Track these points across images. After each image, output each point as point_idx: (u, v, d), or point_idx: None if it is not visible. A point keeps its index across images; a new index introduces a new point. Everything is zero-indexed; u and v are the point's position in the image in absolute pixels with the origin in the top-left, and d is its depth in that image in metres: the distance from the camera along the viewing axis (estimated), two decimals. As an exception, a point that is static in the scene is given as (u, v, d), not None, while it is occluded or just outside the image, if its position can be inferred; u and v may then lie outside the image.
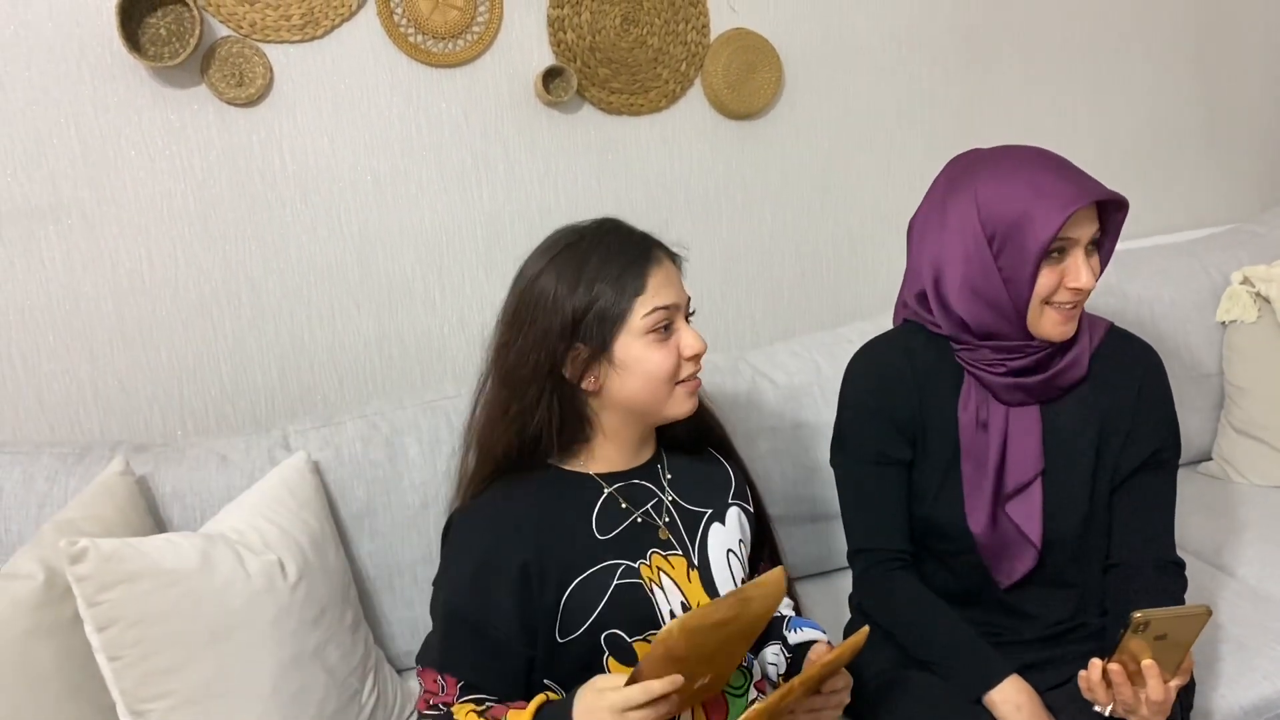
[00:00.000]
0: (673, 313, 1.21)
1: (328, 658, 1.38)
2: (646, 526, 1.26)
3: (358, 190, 1.83)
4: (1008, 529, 1.37)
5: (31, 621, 1.22)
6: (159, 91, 1.69)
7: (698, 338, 1.23)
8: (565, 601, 1.19)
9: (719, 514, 1.33)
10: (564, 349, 1.19)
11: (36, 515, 1.45)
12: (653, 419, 1.26)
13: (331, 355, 1.88)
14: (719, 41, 1.99)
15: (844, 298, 2.21)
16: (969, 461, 1.38)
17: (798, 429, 1.80)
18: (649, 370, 1.20)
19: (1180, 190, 2.49)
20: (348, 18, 1.77)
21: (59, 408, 1.73)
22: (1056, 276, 1.29)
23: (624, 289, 1.19)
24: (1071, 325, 1.33)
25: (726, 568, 1.29)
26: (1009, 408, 1.37)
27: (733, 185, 2.08)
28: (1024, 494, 1.37)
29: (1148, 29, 2.35)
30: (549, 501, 1.24)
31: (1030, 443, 1.36)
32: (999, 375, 1.35)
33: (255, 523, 1.39)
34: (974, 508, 1.37)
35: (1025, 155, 1.32)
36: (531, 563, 1.18)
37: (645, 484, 1.29)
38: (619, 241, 1.22)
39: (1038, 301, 1.30)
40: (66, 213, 1.68)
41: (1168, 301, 2.12)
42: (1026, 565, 1.38)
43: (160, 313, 1.76)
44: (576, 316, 1.18)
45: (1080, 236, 1.28)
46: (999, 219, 1.28)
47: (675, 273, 1.25)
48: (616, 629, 1.20)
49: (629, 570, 1.22)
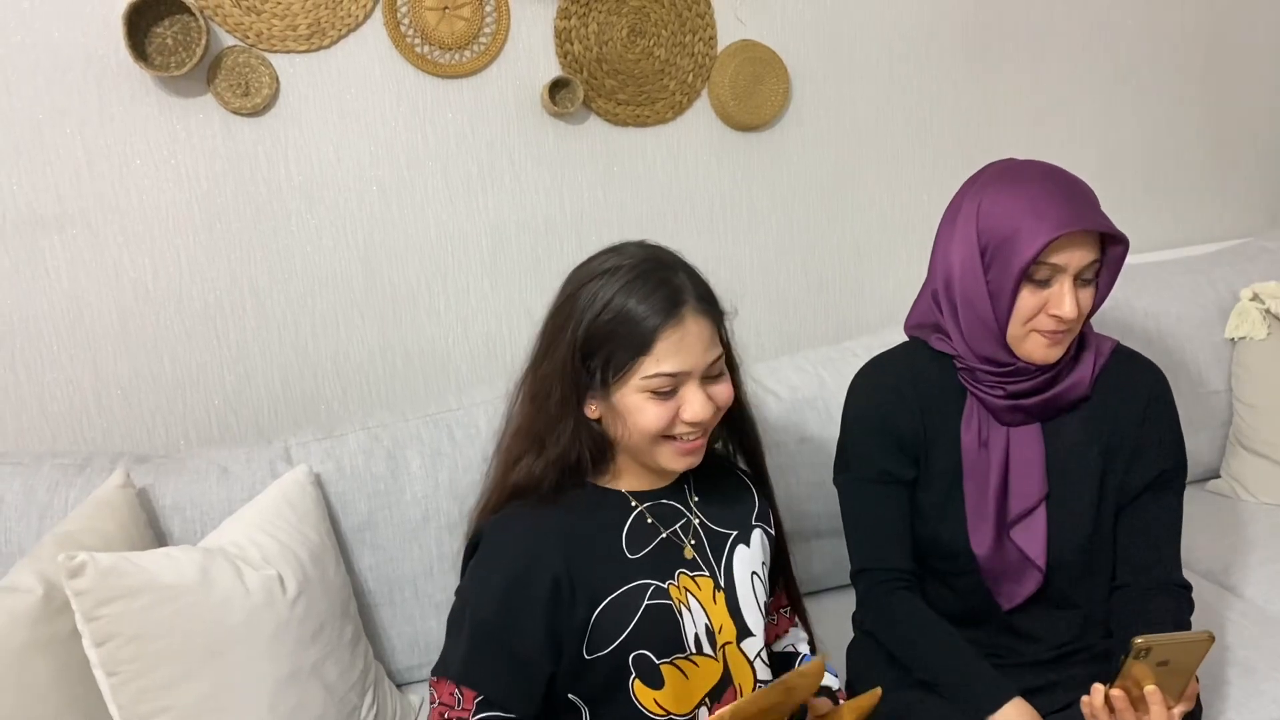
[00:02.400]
0: (679, 379, 1.16)
1: (326, 674, 1.37)
2: (673, 546, 1.26)
3: (363, 200, 1.83)
4: (1011, 552, 1.36)
5: (29, 635, 1.22)
6: (165, 101, 1.69)
7: (704, 405, 1.17)
8: (596, 619, 1.18)
9: (744, 536, 1.32)
10: (576, 377, 1.18)
11: (37, 526, 1.45)
12: (650, 464, 1.23)
13: (335, 365, 1.87)
14: (726, 53, 1.98)
15: (849, 311, 2.20)
16: (971, 483, 1.37)
17: (801, 444, 1.79)
18: (639, 423, 1.17)
19: (1188, 204, 2.47)
20: (354, 28, 1.77)
21: (62, 417, 1.73)
22: (1039, 302, 1.27)
23: (634, 344, 1.15)
24: (1056, 350, 1.30)
25: (751, 590, 1.29)
26: (1010, 429, 1.36)
27: (739, 197, 2.08)
28: (1028, 519, 1.36)
29: (1156, 41, 2.34)
30: (580, 515, 1.22)
31: (1033, 468, 1.35)
32: (998, 398, 1.34)
33: (255, 537, 1.39)
34: (977, 530, 1.36)
35: (1038, 174, 1.29)
36: (563, 577, 1.17)
37: (673, 504, 1.28)
38: (651, 288, 1.16)
39: (1019, 322, 1.29)
40: (71, 222, 1.68)
41: (1175, 317, 2.10)
42: (1030, 588, 1.37)
43: (164, 322, 1.76)
44: (586, 350, 1.17)
45: (1068, 264, 1.25)
46: (991, 232, 1.27)
47: (704, 331, 1.17)
48: (644, 650, 1.19)
49: (659, 591, 1.21)
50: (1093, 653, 1.40)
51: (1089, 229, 1.24)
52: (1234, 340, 2.10)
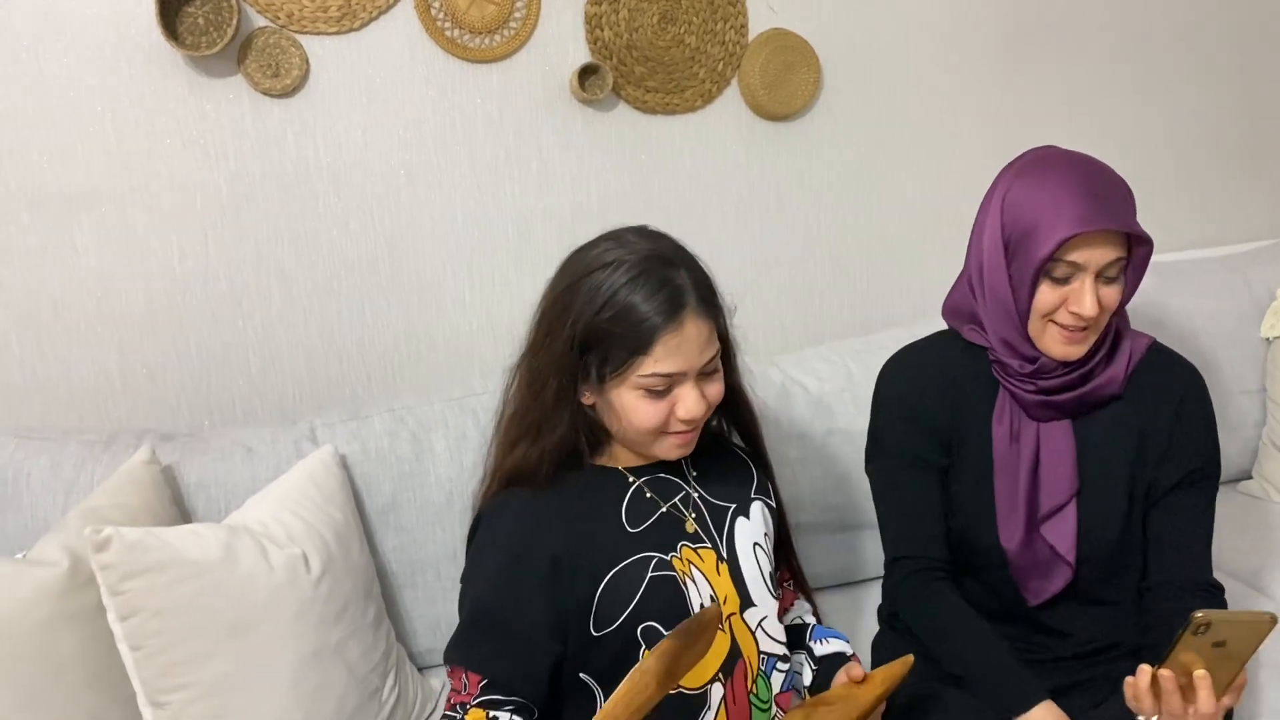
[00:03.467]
0: (674, 380, 1.16)
1: (349, 654, 1.37)
2: (674, 520, 1.26)
3: (390, 184, 1.82)
4: (1041, 549, 1.35)
5: (54, 608, 1.22)
6: (195, 81, 1.69)
7: (698, 402, 1.17)
8: (600, 595, 1.18)
9: (743, 508, 1.32)
10: (571, 367, 1.18)
11: (63, 502, 1.45)
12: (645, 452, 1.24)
13: (360, 349, 1.87)
14: (757, 41, 1.97)
15: (877, 304, 2.18)
16: (1002, 477, 1.35)
17: (829, 436, 1.77)
18: (634, 419, 1.17)
19: (1223, 202, 2.43)
20: (385, 10, 1.76)
21: (87, 395, 1.73)
22: (1059, 298, 1.25)
23: (632, 344, 1.14)
24: (1077, 347, 1.28)
25: (754, 561, 1.29)
26: (1040, 424, 1.35)
27: (766, 187, 2.06)
28: (1058, 515, 1.34)
29: (1193, 36, 2.31)
30: (577, 495, 1.23)
31: (1064, 465, 1.34)
32: (1029, 393, 1.33)
33: (280, 515, 1.38)
34: (1007, 524, 1.35)
35: (1068, 165, 1.27)
36: (563, 556, 1.17)
37: (671, 478, 1.29)
38: (652, 287, 1.14)
39: (1038, 316, 1.27)
40: (100, 200, 1.68)
41: (1208, 315, 2.07)
42: (1059, 585, 1.35)
43: (190, 302, 1.76)
44: (584, 344, 1.16)
45: (1088, 263, 1.22)
46: (1014, 224, 1.26)
47: (703, 332, 1.16)
48: (652, 621, 1.18)
49: (662, 562, 1.21)
50: (1121, 651, 1.38)
51: (1107, 229, 1.21)
52: (1270, 340, 2.07)
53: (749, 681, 1.23)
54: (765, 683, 1.26)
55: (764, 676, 1.25)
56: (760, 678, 1.25)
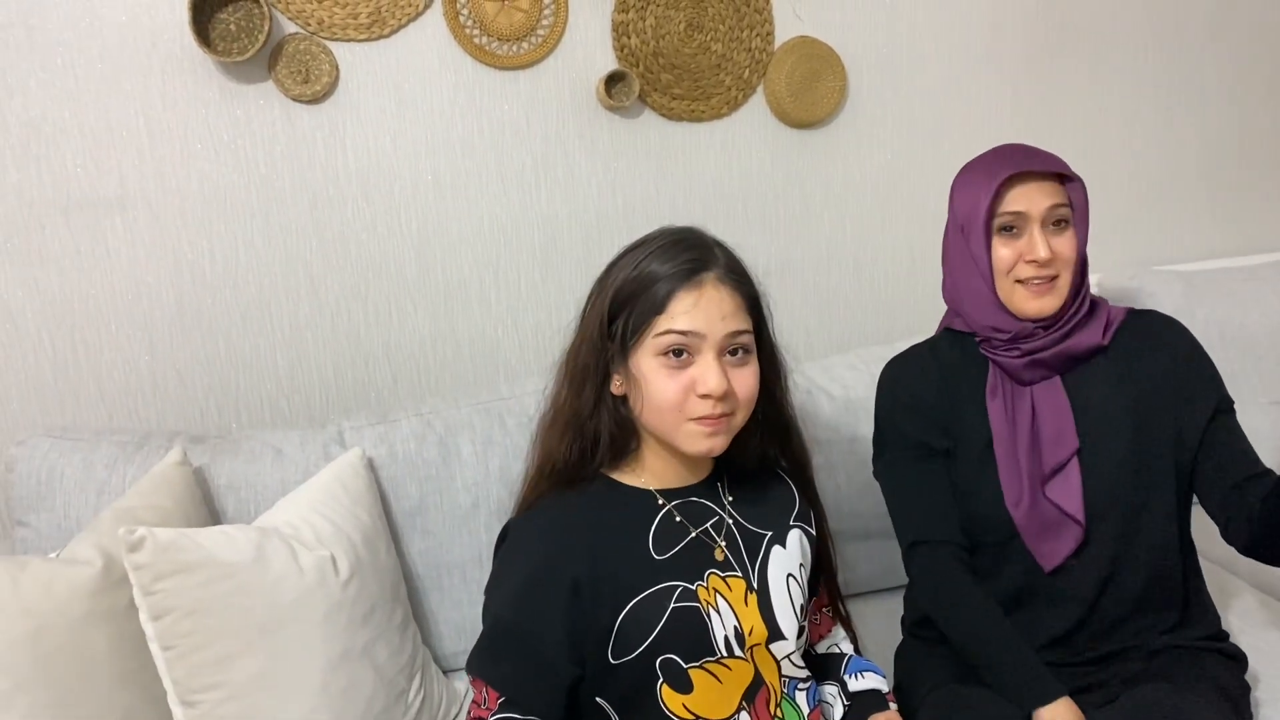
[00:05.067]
0: (691, 340, 1.14)
1: (376, 656, 1.37)
2: (704, 546, 1.22)
3: (418, 189, 1.84)
4: (1048, 510, 1.36)
5: (88, 607, 1.23)
6: (226, 86, 1.71)
7: (718, 377, 1.13)
8: (620, 623, 1.15)
9: (780, 536, 1.29)
10: (603, 346, 1.18)
11: (95, 502, 1.46)
12: (674, 448, 1.20)
13: (387, 352, 1.88)
14: (783, 49, 1.97)
15: (901, 312, 2.17)
16: (1002, 447, 1.38)
17: (853, 443, 1.77)
18: (653, 395, 1.15)
19: (1254, 211, 2.41)
20: (414, 17, 1.77)
21: (118, 396, 1.75)
22: (1015, 253, 1.35)
23: (650, 301, 1.14)
24: (1048, 300, 1.35)
25: (786, 593, 1.25)
26: (1033, 388, 1.39)
27: (792, 194, 2.06)
28: (1062, 473, 1.37)
29: (1223, 42, 2.29)
30: (605, 515, 1.20)
31: (1062, 421, 1.37)
32: (1015, 358, 1.38)
33: (309, 518, 1.39)
34: (1012, 490, 1.37)
35: (995, 150, 1.41)
36: (584, 578, 1.14)
37: (705, 502, 1.25)
38: (678, 251, 1.17)
39: (1002, 275, 1.36)
40: (133, 203, 1.70)
41: (1237, 325, 2.05)
42: (1070, 544, 1.35)
43: (220, 305, 1.77)
44: (612, 313, 1.17)
45: (1029, 209, 1.33)
46: (961, 205, 1.39)
47: (724, 299, 1.15)
48: (672, 653, 1.16)
49: (686, 592, 1.18)
50: (1138, 654, 1.37)
51: (1035, 169, 1.34)
52: (1298, 350, 2.05)
53: (771, 706, 1.21)
54: (791, 705, 1.24)
55: (789, 699, 1.24)
56: (785, 701, 1.23)
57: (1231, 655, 1.40)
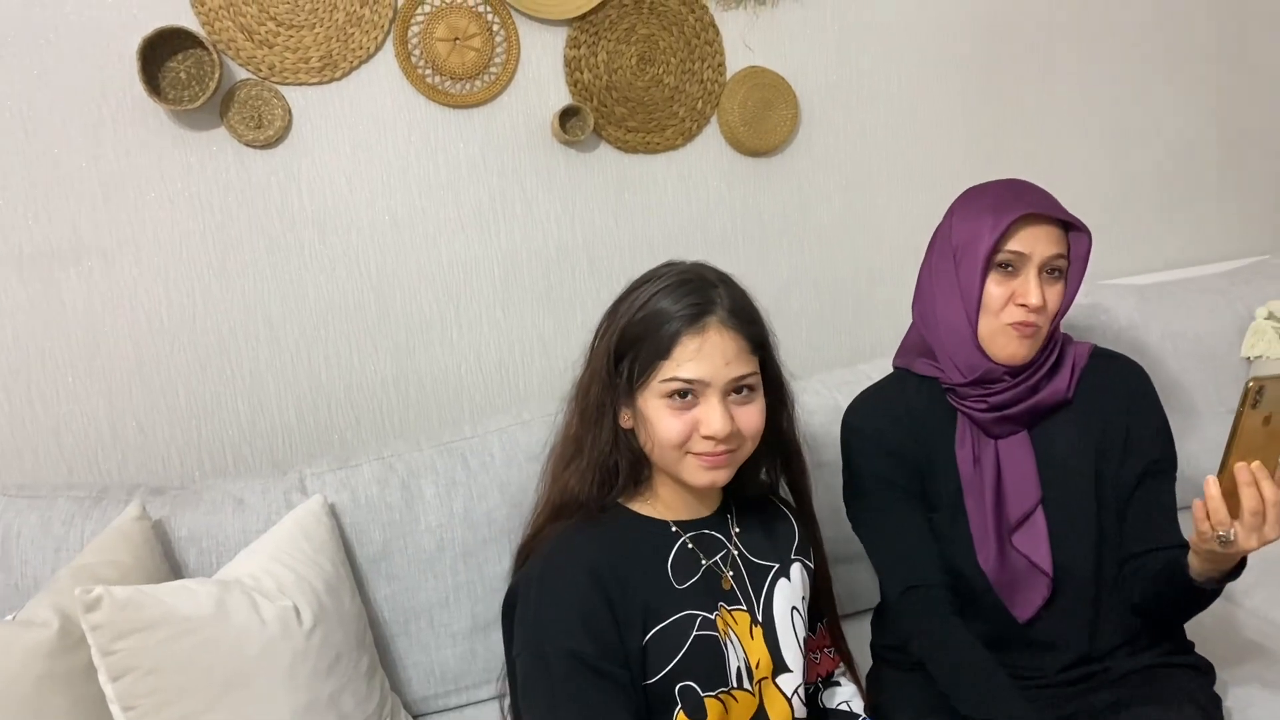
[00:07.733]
0: (696, 387, 1.15)
1: (343, 705, 1.36)
2: (715, 577, 1.23)
3: (375, 230, 1.84)
4: (1017, 561, 1.37)
5: (45, 669, 1.21)
6: (179, 134, 1.70)
7: (722, 420, 1.13)
8: (646, 645, 1.16)
9: (785, 569, 1.30)
10: (612, 383, 1.19)
11: (53, 560, 1.45)
12: (676, 480, 1.22)
13: (349, 395, 1.87)
14: (735, 79, 1.99)
15: (863, 335, 2.20)
16: (971, 498, 1.38)
17: (818, 469, 1.74)
18: (658, 433, 1.16)
19: (1202, 222, 2.46)
20: (366, 60, 1.78)
21: (77, 449, 1.73)
22: (1006, 292, 1.32)
23: (655, 346, 1.15)
24: (1026, 345, 1.34)
25: (790, 627, 1.26)
26: (998, 441, 1.38)
27: (750, 222, 2.08)
28: (1027, 524, 1.37)
29: (1170, 59, 2.34)
30: (627, 544, 1.20)
31: (1026, 473, 1.37)
32: (982, 411, 1.37)
33: (270, 568, 1.38)
34: (983, 544, 1.37)
35: (1001, 183, 1.38)
36: (618, 601, 1.15)
37: (715, 534, 1.26)
38: (683, 293, 1.17)
39: (989, 314, 1.33)
40: (87, 254, 1.69)
41: (1191, 337, 2.09)
42: (1041, 595, 1.37)
43: (178, 353, 1.76)
44: (619, 353, 1.18)
45: (1032, 252, 1.31)
46: (960, 235, 1.35)
47: (728, 344, 1.15)
48: (691, 681, 1.16)
49: (706, 621, 1.19)
50: (1111, 676, 1.38)
51: (1047, 213, 1.31)
52: (1250, 359, 2.08)
53: None
54: None
55: None
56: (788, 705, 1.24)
57: (1200, 669, 1.41)
